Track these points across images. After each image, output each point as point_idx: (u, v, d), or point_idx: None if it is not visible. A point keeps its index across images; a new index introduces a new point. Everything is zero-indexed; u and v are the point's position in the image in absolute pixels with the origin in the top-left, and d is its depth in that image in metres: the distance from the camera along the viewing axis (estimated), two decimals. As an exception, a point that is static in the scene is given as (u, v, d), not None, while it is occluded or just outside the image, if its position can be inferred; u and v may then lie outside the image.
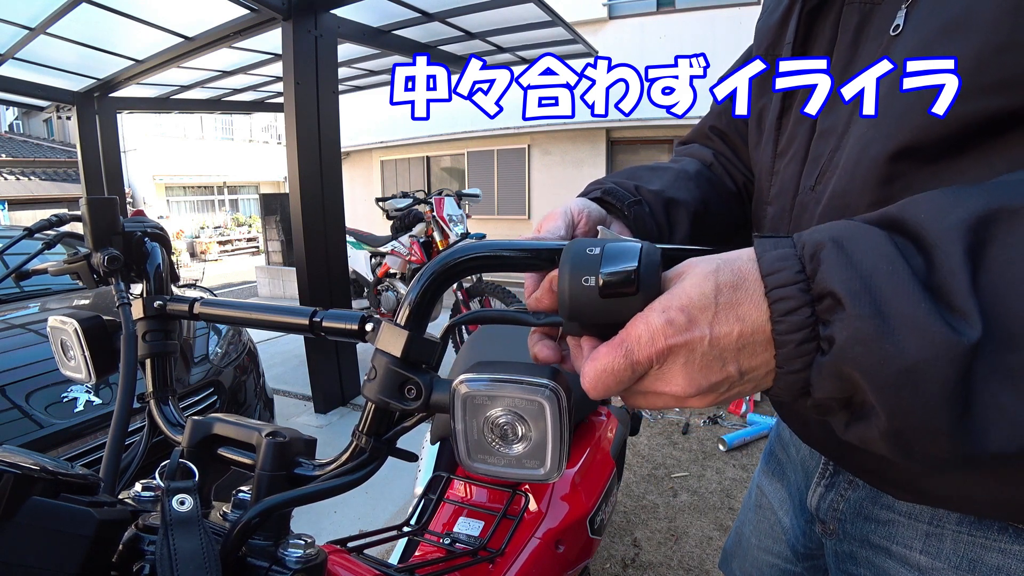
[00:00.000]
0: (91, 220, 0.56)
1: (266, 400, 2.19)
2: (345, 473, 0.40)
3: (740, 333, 0.28)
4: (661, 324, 0.28)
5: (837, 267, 0.26)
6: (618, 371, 0.30)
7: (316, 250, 3.04)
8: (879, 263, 0.26)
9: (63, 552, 0.31)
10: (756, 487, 0.76)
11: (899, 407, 0.26)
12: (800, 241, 0.29)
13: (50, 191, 12.03)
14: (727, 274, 0.29)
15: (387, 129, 11.33)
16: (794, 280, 0.27)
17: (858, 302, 0.25)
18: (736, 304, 0.28)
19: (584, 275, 0.30)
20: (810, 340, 0.27)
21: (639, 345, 0.29)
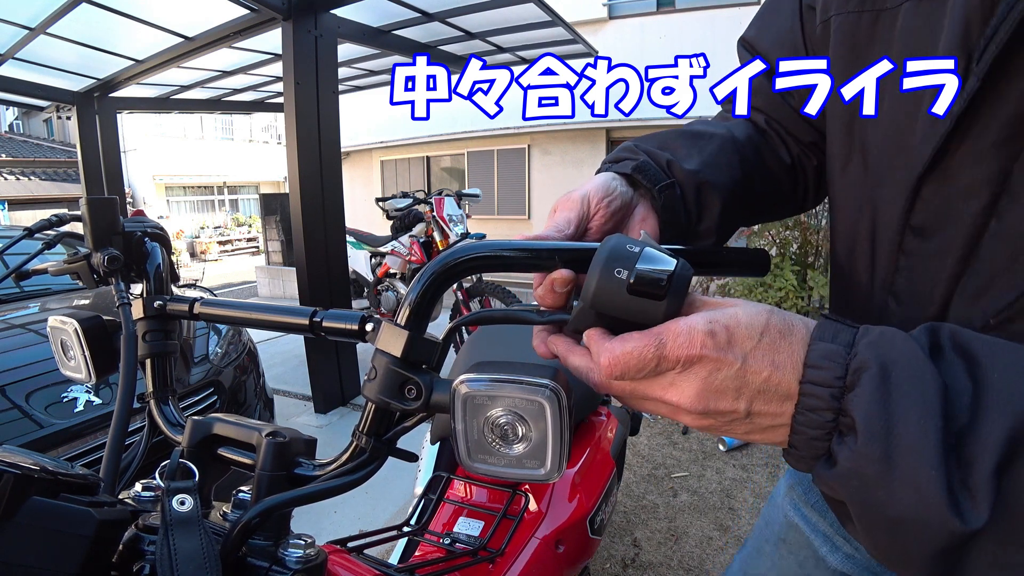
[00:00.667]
0: (91, 220, 0.56)
1: (266, 400, 2.19)
2: (345, 473, 0.40)
3: (768, 378, 0.28)
4: (703, 332, 0.28)
5: (868, 399, 0.25)
6: (645, 359, 0.29)
7: (316, 250, 3.04)
8: (912, 412, 0.24)
9: (63, 552, 0.31)
10: (783, 518, 0.63)
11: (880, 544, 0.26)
12: (857, 347, 0.27)
13: (50, 191, 12.03)
14: (779, 320, 0.29)
15: (387, 129, 11.32)
16: (830, 384, 0.27)
17: (871, 442, 0.25)
18: (777, 350, 0.28)
19: (618, 267, 0.30)
20: (823, 440, 0.27)
21: (675, 342, 0.28)
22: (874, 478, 0.25)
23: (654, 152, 0.48)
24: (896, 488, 0.24)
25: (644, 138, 0.51)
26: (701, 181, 0.47)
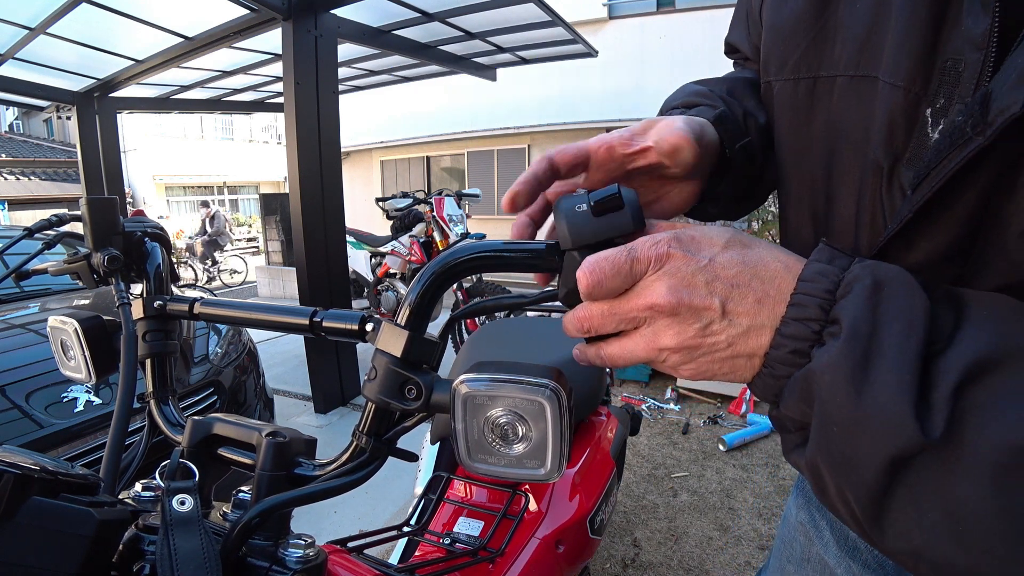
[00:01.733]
0: (91, 220, 0.56)
1: (266, 400, 2.19)
2: (345, 473, 0.40)
3: (738, 273, 0.29)
4: (668, 237, 0.30)
5: (859, 303, 0.26)
6: (619, 262, 0.30)
7: (316, 250, 3.04)
8: (898, 320, 0.25)
9: (63, 552, 0.31)
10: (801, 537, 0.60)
11: (829, 445, 0.26)
12: (852, 267, 0.28)
13: (50, 191, 12.03)
14: (741, 236, 0.30)
15: (387, 129, 11.33)
16: (820, 295, 0.27)
17: (854, 342, 0.25)
18: (744, 254, 0.29)
19: (576, 204, 0.33)
20: (803, 354, 0.27)
21: (644, 246, 0.30)
22: (847, 374, 0.25)
23: (729, 101, 0.43)
24: (868, 387, 0.24)
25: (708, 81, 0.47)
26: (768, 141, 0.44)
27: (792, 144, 0.39)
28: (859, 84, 0.33)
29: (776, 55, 0.38)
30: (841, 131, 0.35)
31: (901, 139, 0.31)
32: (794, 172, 0.40)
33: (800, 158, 0.39)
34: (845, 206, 0.36)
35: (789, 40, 0.37)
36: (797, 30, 0.36)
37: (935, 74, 0.29)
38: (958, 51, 0.28)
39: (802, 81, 0.37)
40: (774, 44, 0.38)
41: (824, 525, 0.58)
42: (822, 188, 0.38)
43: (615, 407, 1.43)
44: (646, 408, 3.07)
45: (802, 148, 0.38)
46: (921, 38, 0.29)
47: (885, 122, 0.31)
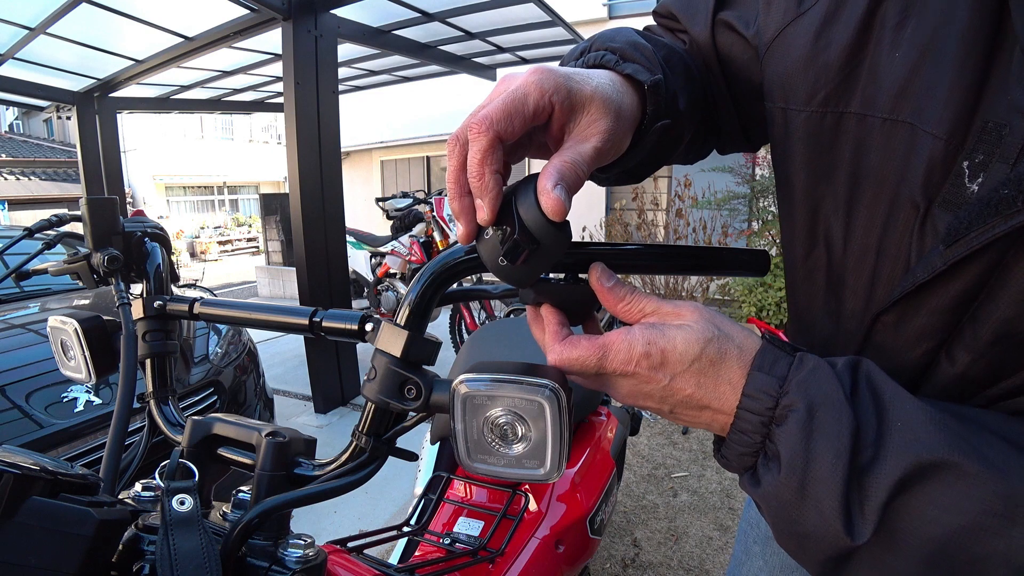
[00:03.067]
0: (91, 220, 0.56)
1: (266, 400, 2.19)
2: (345, 473, 0.40)
3: (689, 396, 0.33)
4: (641, 353, 0.33)
5: (793, 436, 0.30)
6: (587, 366, 0.34)
7: (316, 250, 3.04)
8: (828, 451, 0.29)
9: (63, 552, 0.31)
10: None
11: (786, 547, 0.33)
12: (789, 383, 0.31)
13: (50, 191, 12.03)
14: (713, 351, 0.33)
15: (387, 129, 11.33)
16: (762, 413, 0.31)
17: (791, 475, 0.30)
18: (701, 375, 0.33)
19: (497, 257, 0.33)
20: (751, 456, 0.33)
21: (615, 358, 0.33)
22: (789, 502, 0.30)
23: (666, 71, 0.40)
24: (805, 511, 0.30)
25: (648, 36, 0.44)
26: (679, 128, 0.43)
27: (809, 170, 0.40)
28: (893, 127, 0.34)
29: (805, 87, 0.38)
30: (870, 167, 0.36)
31: (937, 184, 0.32)
32: (807, 196, 0.41)
33: (817, 182, 0.40)
34: (867, 234, 0.38)
35: (822, 75, 0.37)
36: (831, 66, 0.36)
37: (972, 132, 0.31)
38: (1002, 116, 0.29)
39: (829, 114, 0.37)
40: (802, 75, 0.38)
41: None
42: (842, 213, 0.39)
43: (615, 407, 1.43)
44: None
45: (821, 175, 0.39)
46: (963, 99, 0.31)
47: (923, 168, 0.33)
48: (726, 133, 0.53)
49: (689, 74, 0.44)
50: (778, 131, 0.42)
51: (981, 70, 0.30)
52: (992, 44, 0.30)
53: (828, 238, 0.41)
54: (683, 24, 0.50)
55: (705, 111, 0.49)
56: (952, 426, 0.29)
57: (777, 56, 0.40)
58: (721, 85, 0.49)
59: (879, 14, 0.34)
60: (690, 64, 0.45)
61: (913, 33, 0.32)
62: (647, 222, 5.65)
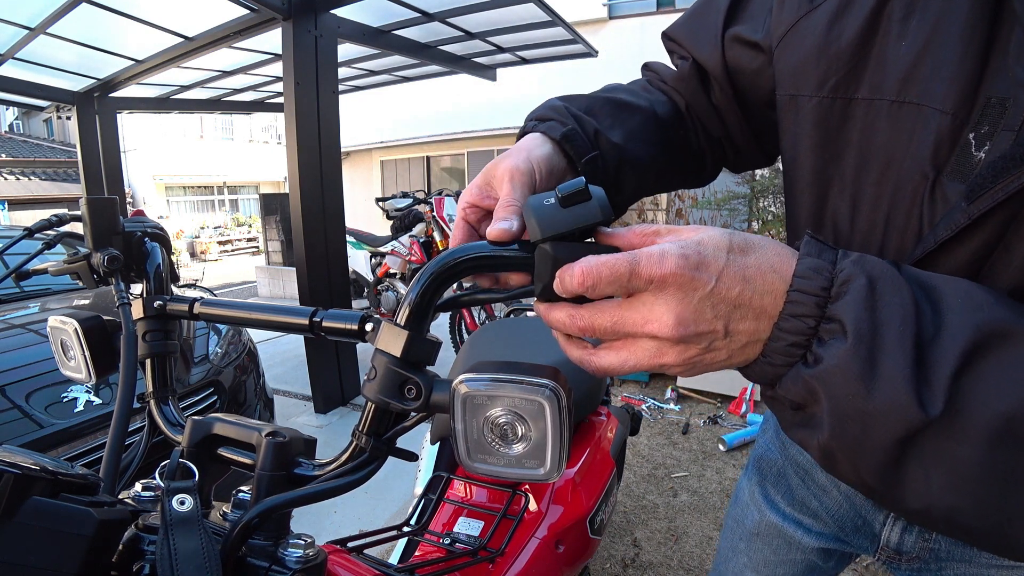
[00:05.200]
0: (91, 220, 0.56)
1: (266, 400, 2.19)
2: (345, 473, 0.40)
3: (740, 293, 0.30)
4: (676, 252, 0.29)
5: (859, 304, 0.28)
6: (618, 270, 0.30)
7: (316, 250, 3.04)
8: (894, 318, 0.28)
9: (63, 552, 0.31)
10: (754, 512, 0.69)
11: (844, 435, 0.29)
12: (842, 263, 0.30)
13: (50, 191, 12.03)
14: (740, 240, 0.31)
15: (387, 129, 11.32)
16: (816, 292, 0.29)
17: (860, 344, 0.28)
18: (743, 266, 0.30)
19: (544, 199, 0.34)
20: (800, 347, 0.30)
21: (648, 260, 0.29)
22: (857, 374, 0.28)
23: (582, 119, 0.48)
24: (875, 383, 0.27)
25: (571, 98, 0.52)
26: (623, 156, 0.50)
27: (817, 154, 0.43)
28: (900, 108, 0.37)
29: (816, 75, 0.41)
30: (877, 147, 0.38)
31: (945, 156, 0.35)
32: (815, 180, 0.44)
33: (825, 165, 0.42)
34: (874, 210, 0.40)
35: (832, 64, 0.40)
36: (841, 56, 0.39)
37: (977, 107, 0.33)
38: (1005, 91, 0.32)
39: (838, 100, 0.40)
40: (814, 64, 0.41)
41: (778, 497, 0.67)
42: (848, 194, 0.41)
43: (615, 407, 1.43)
44: (646, 408, 3.07)
45: (829, 158, 0.42)
46: (968, 78, 0.33)
47: (931, 141, 0.35)
48: (740, 147, 0.58)
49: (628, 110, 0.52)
50: (788, 119, 0.45)
51: (983, 50, 0.33)
52: (992, 26, 0.32)
53: (835, 220, 0.43)
54: (689, 50, 0.55)
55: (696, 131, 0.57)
56: (1008, 302, 0.28)
57: (790, 48, 0.43)
58: (730, 98, 0.54)
59: (886, 9, 0.37)
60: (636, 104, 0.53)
61: (918, 24, 0.35)
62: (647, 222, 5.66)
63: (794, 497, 0.65)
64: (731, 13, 0.51)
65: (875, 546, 0.59)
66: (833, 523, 0.62)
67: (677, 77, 0.58)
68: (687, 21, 0.56)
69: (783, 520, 0.66)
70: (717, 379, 3.15)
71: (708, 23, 0.53)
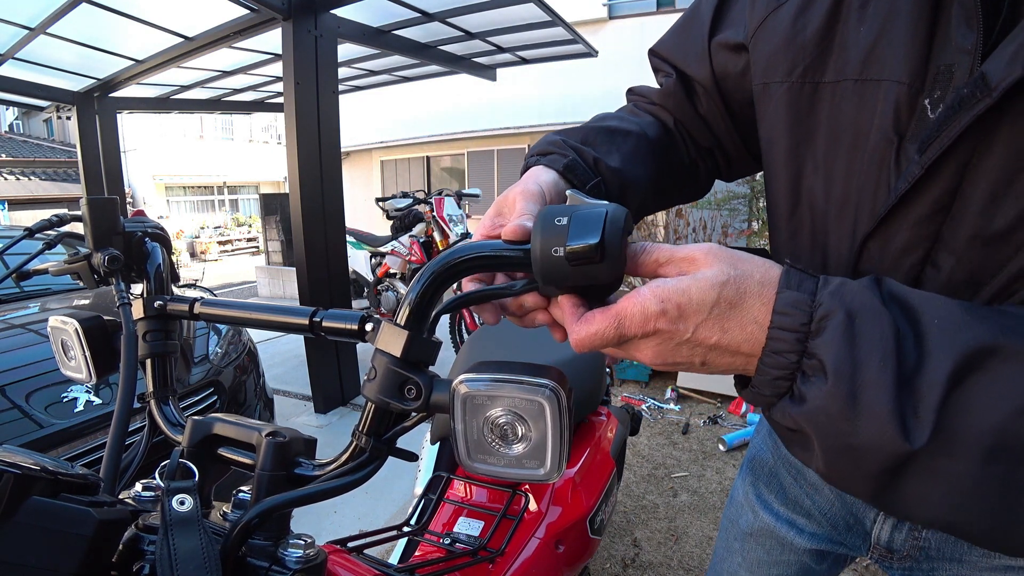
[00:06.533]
0: (91, 220, 0.56)
1: (266, 400, 2.19)
2: (345, 473, 0.40)
3: (717, 342, 0.32)
4: (656, 312, 0.32)
5: (838, 342, 0.29)
6: (608, 338, 0.33)
7: (316, 250, 3.04)
8: (874, 354, 0.28)
9: (63, 552, 0.31)
10: (748, 513, 0.70)
11: (837, 466, 0.31)
12: (820, 296, 0.30)
13: (50, 191, 12.03)
14: (731, 292, 0.32)
15: (387, 129, 11.32)
16: (796, 329, 0.30)
17: (840, 383, 0.28)
18: (724, 319, 0.32)
19: (553, 246, 0.33)
20: (786, 380, 0.31)
21: (632, 322, 0.33)
22: (840, 413, 0.28)
23: (580, 149, 0.51)
24: (859, 420, 0.28)
25: (567, 132, 0.54)
26: (624, 179, 0.52)
27: (790, 135, 0.45)
28: (863, 86, 0.39)
29: (785, 63, 0.44)
30: (845, 123, 0.41)
31: (905, 122, 0.37)
32: (789, 159, 0.46)
33: (798, 145, 0.45)
34: (847, 181, 0.42)
35: (799, 52, 0.43)
36: (807, 45, 0.42)
37: (930, 75, 0.36)
38: (950, 59, 0.34)
39: (807, 84, 0.43)
40: (783, 54, 0.44)
41: (771, 497, 0.68)
42: (822, 171, 0.44)
43: (615, 407, 1.43)
44: (646, 408, 3.07)
45: (801, 138, 0.44)
46: (919, 52, 0.36)
47: (892, 110, 0.37)
48: (731, 154, 0.61)
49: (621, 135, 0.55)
50: (763, 106, 0.48)
51: (930, 26, 0.36)
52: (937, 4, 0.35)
53: (811, 196, 0.45)
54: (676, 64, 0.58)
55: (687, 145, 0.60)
56: (987, 315, 0.29)
57: (761, 42, 0.47)
58: (718, 104, 0.56)
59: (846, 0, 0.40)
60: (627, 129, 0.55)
61: (875, 8, 0.38)
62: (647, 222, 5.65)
63: (787, 496, 0.66)
64: (715, 22, 0.54)
65: (867, 544, 0.59)
66: (826, 522, 0.63)
67: (663, 94, 0.60)
68: (673, 36, 0.59)
69: (776, 521, 0.67)
70: (717, 379, 3.15)
71: (694, 35, 0.56)
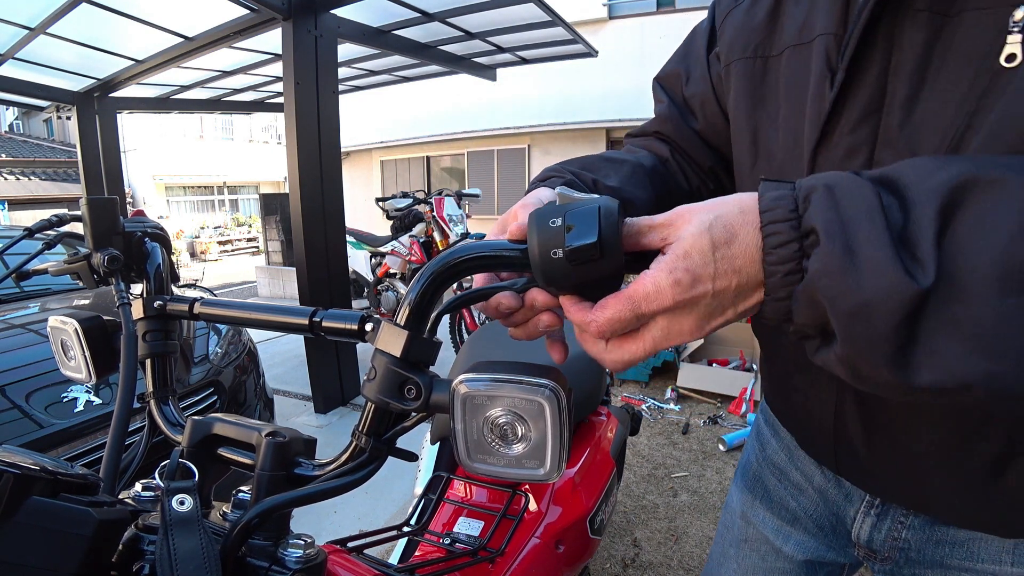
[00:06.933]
0: (91, 220, 0.56)
1: (266, 400, 2.19)
2: (345, 473, 0.40)
3: (737, 284, 0.32)
4: (669, 284, 0.31)
5: (822, 208, 0.29)
6: (625, 320, 0.33)
7: (316, 250, 3.04)
8: (860, 211, 0.29)
9: (62, 552, 0.31)
10: (739, 519, 0.72)
11: (851, 335, 0.29)
12: (799, 185, 0.31)
13: (50, 191, 12.03)
14: (720, 230, 0.32)
15: (387, 129, 11.33)
16: (786, 218, 0.30)
17: (832, 240, 0.28)
18: (732, 258, 0.31)
19: (552, 248, 0.32)
20: (795, 272, 0.30)
21: (646, 300, 0.32)
22: (841, 270, 0.28)
23: (579, 172, 0.54)
24: (861, 274, 0.28)
25: (566, 161, 0.57)
26: (623, 197, 0.54)
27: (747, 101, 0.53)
28: (800, 49, 0.47)
29: (740, 44, 0.53)
30: (790, 82, 0.48)
31: (835, 60, 0.43)
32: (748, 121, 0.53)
33: (754, 109, 0.53)
34: (794, 124, 0.48)
35: (752, 34, 0.52)
36: (757, 28, 0.52)
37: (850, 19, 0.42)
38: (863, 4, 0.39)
39: (758, 59, 0.51)
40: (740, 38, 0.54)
41: (759, 504, 0.69)
42: (774, 125, 0.51)
43: (615, 407, 1.43)
44: (646, 408, 3.07)
45: (757, 102, 0.52)
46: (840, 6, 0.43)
47: (823, 54, 0.44)
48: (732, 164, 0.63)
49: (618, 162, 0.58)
50: (728, 83, 0.56)
51: None
52: None
53: (767, 147, 0.52)
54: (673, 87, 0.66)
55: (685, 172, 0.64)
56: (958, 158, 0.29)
57: (726, 31, 0.56)
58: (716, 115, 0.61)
59: None
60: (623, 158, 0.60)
61: None
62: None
63: (772, 500, 0.67)
64: (711, 39, 0.60)
65: (852, 545, 0.60)
66: (812, 524, 0.64)
67: (659, 120, 0.66)
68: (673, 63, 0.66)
69: (767, 528, 0.68)
70: (717, 379, 3.16)
71: (695, 52, 0.63)
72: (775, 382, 0.62)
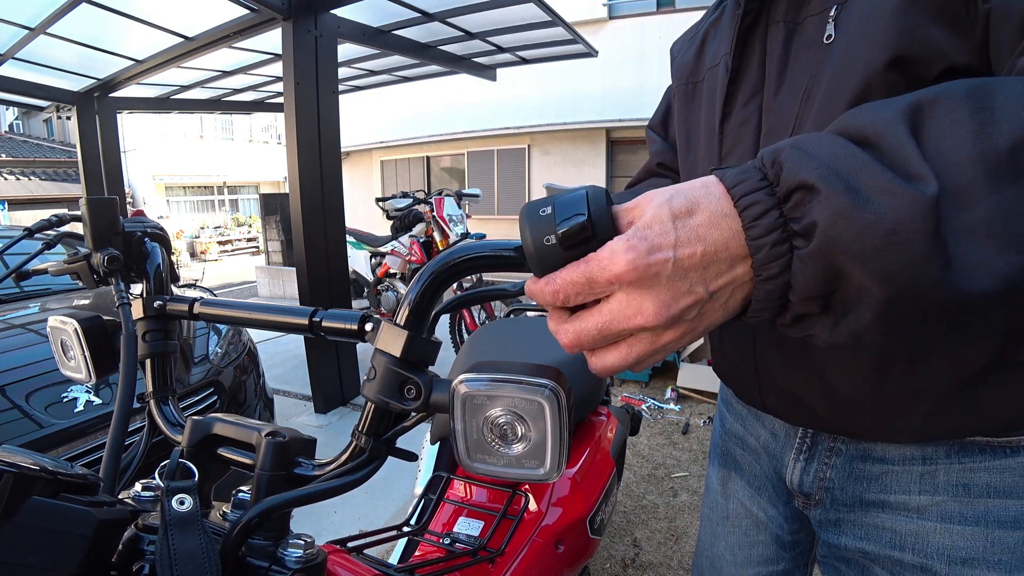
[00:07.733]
0: (91, 220, 0.56)
1: (266, 400, 2.19)
2: (345, 473, 0.40)
3: (703, 253, 0.30)
4: (623, 249, 0.29)
5: (800, 161, 0.29)
6: (577, 283, 0.31)
7: (316, 250, 3.04)
8: (836, 152, 0.29)
9: (62, 552, 0.31)
10: (719, 498, 0.76)
11: (889, 271, 0.27)
12: (759, 156, 0.31)
13: (50, 191, 12.03)
14: (680, 201, 0.30)
15: (387, 129, 11.33)
16: (758, 187, 0.30)
17: (830, 181, 0.28)
18: (695, 227, 0.30)
19: (544, 236, 0.31)
20: (783, 241, 0.29)
21: (599, 264, 0.30)
22: (853, 206, 0.27)
23: None
24: (874, 203, 0.27)
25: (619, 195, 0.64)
26: None
27: (682, 117, 0.68)
28: (712, 70, 0.61)
29: (678, 76, 0.69)
30: (707, 93, 0.62)
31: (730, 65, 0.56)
32: (682, 128, 0.68)
33: (686, 121, 0.67)
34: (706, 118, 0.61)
35: (686, 68, 0.67)
36: (687, 63, 0.67)
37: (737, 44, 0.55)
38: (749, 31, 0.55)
39: (689, 84, 0.66)
40: (680, 72, 0.69)
41: (734, 475, 0.74)
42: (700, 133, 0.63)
43: (615, 407, 1.43)
44: (646, 408, 3.07)
45: (688, 116, 0.66)
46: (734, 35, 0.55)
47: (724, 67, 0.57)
48: None
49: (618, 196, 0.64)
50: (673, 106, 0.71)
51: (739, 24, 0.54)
52: None
53: (696, 148, 0.64)
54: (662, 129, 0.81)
55: None
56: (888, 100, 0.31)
57: (674, 66, 0.71)
58: None
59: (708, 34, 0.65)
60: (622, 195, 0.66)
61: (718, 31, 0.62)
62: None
63: (743, 469, 0.72)
64: None
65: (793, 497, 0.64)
66: (769, 485, 0.68)
67: (658, 155, 0.79)
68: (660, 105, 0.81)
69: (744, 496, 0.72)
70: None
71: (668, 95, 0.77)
72: (714, 343, 0.68)
